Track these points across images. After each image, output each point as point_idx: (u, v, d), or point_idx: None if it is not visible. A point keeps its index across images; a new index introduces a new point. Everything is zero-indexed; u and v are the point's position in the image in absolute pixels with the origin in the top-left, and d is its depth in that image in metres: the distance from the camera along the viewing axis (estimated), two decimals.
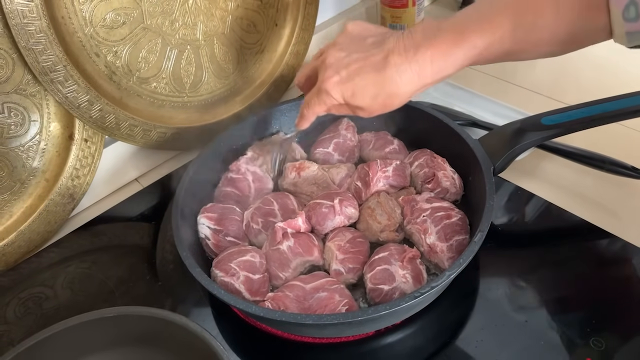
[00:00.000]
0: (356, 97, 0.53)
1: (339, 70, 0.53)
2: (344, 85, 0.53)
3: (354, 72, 0.52)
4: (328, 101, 0.54)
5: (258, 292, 0.56)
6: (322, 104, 0.55)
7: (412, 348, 0.55)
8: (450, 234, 0.58)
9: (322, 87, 0.54)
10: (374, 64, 0.51)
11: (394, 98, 0.52)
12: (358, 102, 0.53)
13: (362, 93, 0.52)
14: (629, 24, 0.45)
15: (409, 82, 0.51)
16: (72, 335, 0.52)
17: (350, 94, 0.53)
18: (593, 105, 0.61)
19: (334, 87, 0.53)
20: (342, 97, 0.53)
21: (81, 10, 0.62)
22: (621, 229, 0.62)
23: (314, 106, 0.56)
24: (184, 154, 0.82)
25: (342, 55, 0.53)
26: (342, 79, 0.53)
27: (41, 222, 0.69)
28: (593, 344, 0.52)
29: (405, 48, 0.51)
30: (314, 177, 0.68)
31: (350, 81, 0.52)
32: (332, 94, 0.53)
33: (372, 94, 0.52)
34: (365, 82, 0.52)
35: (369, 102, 0.53)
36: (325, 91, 0.54)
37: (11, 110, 0.63)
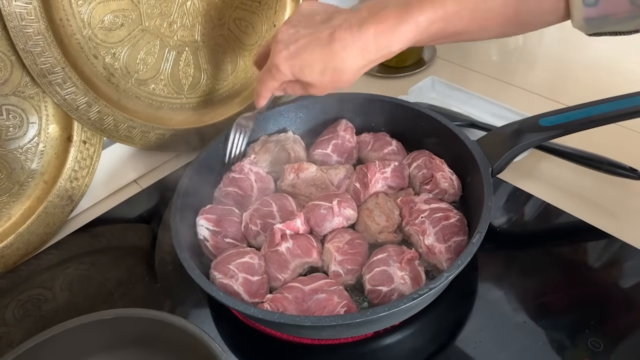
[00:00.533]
0: (304, 72, 0.53)
1: (288, 45, 0.53)
2: (292, 60, 0.53)
3: (301, 47, 0.53)
4: (278, 76, 0.55)
5: (257, 293, 0.56)
6: (273, 80, 0.56)
7: (410, 349, 0.55)
8: (449, 235, 0.58)
9: (272, 62, 0.55)
10: (320, 39, 0.52)
11: (341, 73, 0.53)
12: (306, 78, 0.54)
13: (309, 68, 0.53)
14: (588, 9, 0.46)
15: (353, 57, 0.51)
16: (70, 338, 0.52)
17: (298, 68, 0.53)
18: (591, 106, 0.61)
19: (283, 61, 0.54)
20: (290, 71, 0.54)
21: (79, 13, 0.62)
22: (619, 230, 0.62)
23: (266, 81, 0.57)
24: (182, 156, 0.82)
25: (292, 32, 0.54)
26: (290, 54, 0.53)
27: (40, 224, 0.69)
28: (591, 344, 0.52)
29: (350, 24, 0.51)
30: (312, 179, 0.68)
31: (298, 56, 0.53)
32: (281, 69, 0.54)
33: (319, 69, 0.52)
34: (312, 57, 0.52)
35: (317, 77, 0.53)
36: (275, 66, 0.54)
37: (9, 112, 0.63)
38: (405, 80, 0.93)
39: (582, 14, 0.46)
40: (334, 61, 0.52)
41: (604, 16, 0.46)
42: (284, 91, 0.59)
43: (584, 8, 0.46)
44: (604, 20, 0.47)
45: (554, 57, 0.95)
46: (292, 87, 0.57)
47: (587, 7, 0.46)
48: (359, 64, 0.52)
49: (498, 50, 1.00)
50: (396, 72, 0.95)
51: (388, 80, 0.94)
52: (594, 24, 0.47)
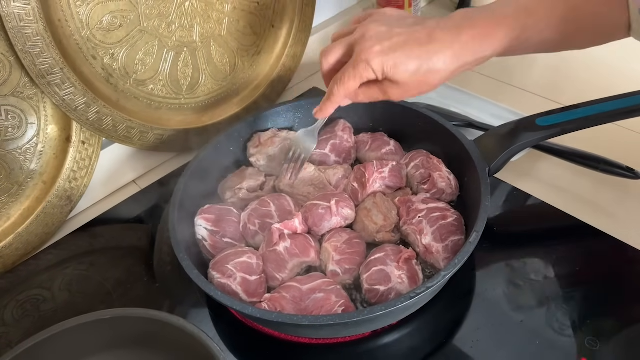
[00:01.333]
0: (397, 70, 0.51)
1: (382, 41, 0.51)
2: (386, 55, 0.51)
3: (397, 44, 0.51)
4: (365, 73, 0.52)
5: (255, 293, 0.56)
6: (357, 77, 0.53)
7: (408, 348, 0.55)
8: (446, 234, 0.58)
9: (360, 58, 0.51)
10: (418, 39, 0.51)
11: (434, 74, 0.52)
12: (398, 76, 0.51)
13: (404, 66, 0.51)
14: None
15: (451, 58, 0.51)
16: (69, 337, 0.52)
17: (391, 65, 0.51)
18: (588, 106, 0.61)
19: (376, 56, 0.51)
20: (382, 68, 0.51)
21: (78, 13, 0.62)
22: (616, 229, 0.62)
23: (347, 80, 0.53)
24: (181, 156, 0.82)
25: (383, 29, 0.52)
26: (385, 50, 0.51)
27: (39, 224, 0.70)
28: (588, 343, 0.52)
29: (448, 26, 0.51)
30: (310, 179, 0.68)
31: (393, 52, 0.51)
32: (372, 64, 0.51)
33: (414, 67, 0.51)
34: (408, 55, 0.51)
35: (409, 76, 0.51)
36: (365, 61, 0.51)
37: (8, 113, 0.63)
38: None
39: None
40: (431, 61, 0.51)
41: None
42: (355, 97, 0.55)
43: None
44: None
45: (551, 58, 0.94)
46: (369, 91, 0.54)
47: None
48: (453, 67, 0.52)
49: None
50: None
51: None
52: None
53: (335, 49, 0.55)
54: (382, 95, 0.54)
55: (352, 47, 0.54)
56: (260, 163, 0.73)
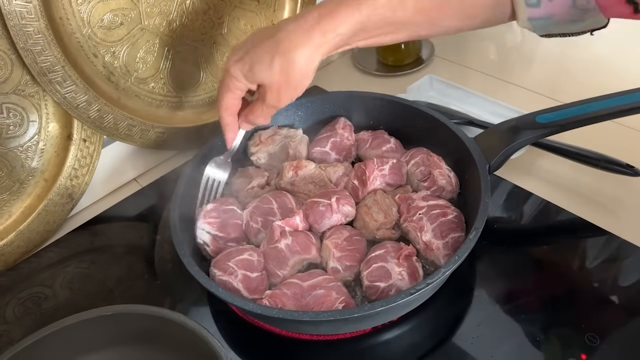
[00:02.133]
0: (254, 70, 0.52)
1: (238, 51, 0.54)
2: (241, 60, 0.53)
3: (249, 49, 0.53)
4: (230, 84, 0.54)
5: (256, 290, 0.56)
6: (226, 89, 0.55)
7: (408, 345, 0.55)
8: (446, 231, 0.58)
9: (223, 72, 0.55)
10: (266, 36, 0.52)
11: (291, 64, 0.51)
12: (257, 76, 0.53)
13: (258, 64, 0.52)
14: (532, 10, 0.46)
15: (300, 44, 0.51)
16: (70, 334, 0.52)
17: (248, 67, 0.53)
18: (588, 103, 0.61)
19: (233, 64, 0.53)
20: (240, 72, 0.53)
21: (79, 11, 0.63)
22: (616, 226, 0.62)
23: (221, 97, 0.56)
24: (182, 154, 0.82)
25: (241, 42, 0.55)
26: (240, 56, 0.53)
27: (40, 222, 0.70)
28: (588, 339, 0.52)
29: (294, 17, 0.53)
30: (311, 176, 0.68)
31: (246, 55, 0.53)
32: (231, 72, 0.53)
33: (267, 61, 0.51)
34: (259, 53, 0.52)
35: (268, 72, 0.52)
36: (225, 71, 0.54)
37: (10, 110, 0.63)
38: (403, 78, 0.94)
39: (525, 13, 0.47)
40: (279, 49, 0.51)
41: (547, 16, 0.47)
42: (248, 120, 0.58)
43: (527, 8, 0.47)
44: (548, 21, 0.48)
45: (551, 55, 0.95)
46: (254, 108, 0.56)
47: (530, 7, 0.47)
48: (307, 52, 0.51)
49: (496, 48, 1.01)
50: (395, 71, 0.95)
51: (387, 79, 0.95)
52: (539, 25, 0.48)
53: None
54: (264, 107, 0.55)
55: None
56: (261, 161, 0.73)
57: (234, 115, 0.59)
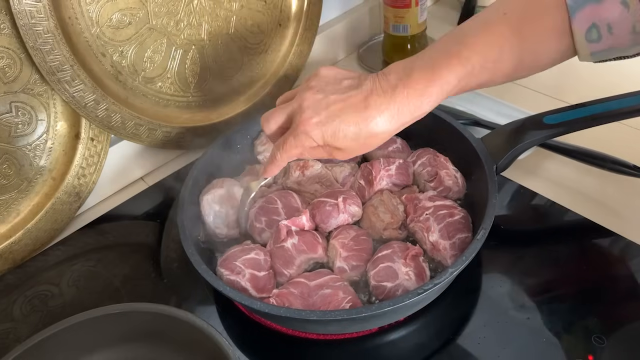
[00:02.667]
0: (337, 138, 0.52)
1: (319, 111, 0.52)
2: (324, 126, 0.52)
3: (334, 113, 0.51)
4: (307, 143, 0.53)
5: (264, 289, 0.57)
6: (299, 147, 0.53)
7: (415, 345, 0.55)
8: (453, 231, 0.58)
9: (300, 129, 0.52)
10: (354, 105, 0.51)
11: (374, 138, 0.52)
12: (338, 143, 0.52)
13: (343, 134, 0.51)
14: (593, 45, 0.47)
15: (388, 121, 0.51)
16: (78, 332, 0.52)
17: (330, 134, 0.52)
18: (595, 104, 0.61)
19: (314, 128, 0.52)
20: (322, 138, 0.52)
21: (88, 11, 0.63)
22: (623, 228, 0.62)
23: (289, 149, 0.54)
24: (189, 153, 0.83)
25: (319, 97, 0.53)
26: (322, 120, 0.52)
27: (48, 220, 0.70)
28: (595, 340, 0.52)
29: (383, 89, 0.51)
30: (317, 176, 0.68)
31: (331, 122, 0.51)
32: (311, 135, 0.52)
33: (353, 134, 0.51)
34: (346, 123, 0.51)
35: (349, 143, 0.52)
36: (304, 132, 0.52)
37: (19, 109, 0.64)
38: None
39: (587, 50, 0.48)
40: (369, 126, 0.51)
41: (608, 49, 0.48)
42: (302, 156, 0.56)
43: (588, 44, 0.48)
44: (608, 52, 0.49)
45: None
46: (313, 152, 0.55)
47: (591, 43, 0.47)
48: (393, 128, 0.52)
49: None
50: None
51: None
52: (599, 56, 0.49)
53: (275, 116, 0.56)
54: (327, 156, 0.55)
55: (291, 116, 0.55)
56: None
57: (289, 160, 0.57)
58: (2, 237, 0.67)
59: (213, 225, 0.63)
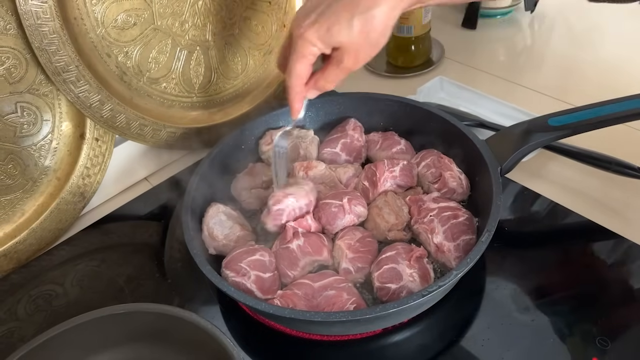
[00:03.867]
0: (332, 32, 0.49)
1: (309, 14, 0.51)
2: (316, 23, 0.50)
3: (324, 10, 0.50)
4: (305, 49, 0.51)
5: (269, 290, 0.57)
6: (300, 56, 0.51)
7: (419, 346, 0.55)
8: (457, 233, 0.58)
9: (296, 36, 0.51)
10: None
11: (372, 20, 0.49)
12: (335, 38, 0.50)
13: (337, 24, 0.49)
14: None
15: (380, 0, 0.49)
16: (83, 332, 0.53)
17: (325, 30, 0.49)
18: (599, 107, 0.61)
19: (307, 28, 0.50)
20: (318, 37, 0.50)
21: (93, 12, 0.63)
22: (627, 230, 0.62)
23: (294, 64, 0.52)
24: (193, 154, 0.83)
25: (308, 5, 0.51)
26: (314, 19, 0.50)
27: (52, 220, 0.70)
28: (599, 343, 0.52)
29: None
30: (321, 177, 0.68)
31: (322, 17, 0.50)
32: (307, 37, 0.50)
33: (346, 20, 0.49)
34: (336, 12, 0.49)
35: (347, 32, 0.49)
36: (299, 37, 0.50)
37: (24, 109, 0.64)
38: (413, 80, 0.94)
39: None
40: (359, 8, 0.48)
41: None
42: (318, 86, 0.54)
43: None
44: None
45: (562, 57, 0.95)
46: (327, 73, 0.53)
47: None
48: (387, 8, 0.49)
49: (506, 50, 1.00)
50: (405, 72, 0.95)
51: (397, 80, 0.95)
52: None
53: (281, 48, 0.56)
54: (338, 69, 0.52)
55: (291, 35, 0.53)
56: None
57: (304, 83, 0.54)
58: (7, 237, 0.68)
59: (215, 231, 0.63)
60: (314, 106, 0.77)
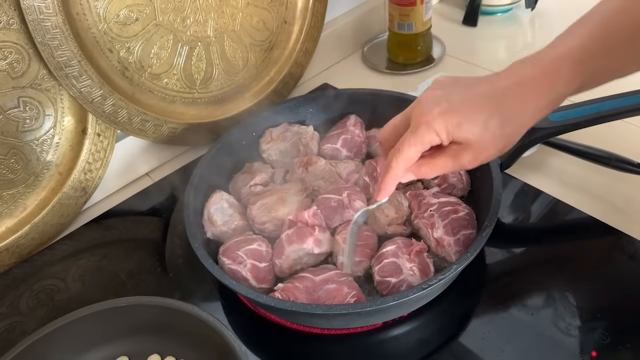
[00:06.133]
0: (462, 128, 0.45)
1: (441, 102, 0.46)
2: (447, 114, 0.45)
3: (457, 102, 0.46)
4: (427, 137, 0.46)
5: (264, 279, 0.57)
6: (418, 143, 0.46)
7: (419, 340, 0.56)
8: (458, 228, 0.58)
9: (420, 121, 0.46)
10: (481, 92, 0.46)
11: (506, 126, 0.45)
12: (465, 134, 0.45)
13: (470, 121, 0.45)
14: None
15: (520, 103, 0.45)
16: (85, 325, 0.53)
17: (455, 123, 0.45)
18: (600, 102, 0.61)
19: (436, 117, 0.45)
20: (445, 128, 0.45)
21: (95, 7, 0.63)
22: (627, 225, 0.62)
23: (407, 148, 0.47)
24: (194, 149, 0.83)
25: (439, 92, 0.47)
26: (445, 109, 0.45)
27: (54, 214, 0.71)
28: (599, 337, 0.52)
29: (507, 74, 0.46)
30: (321, 172, 0.69)
31: (456, 109, 0.45)
32: (433, 126, 0.45)
33: (482, 120, 0.45)
34: (473, 107, 0.45)
35: (479, 132, 0.45)
36: (425, 123, 0.45)
37: (26, 104, 0.64)
38: (414, 76, 0.94)
39: None
40: (499, 110, 0.45)
41: None
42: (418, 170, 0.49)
43: None
44: None
45: None
46: (435, 161, 0.48)
47: None
48: (525, 114, 0.45)
49: (506, 47, 1.01)
50: (405, 69, 0.96)
51: (397, 77, 0.95)
52: None
53: (391, 121, 0.51)
54: (452, 164, 0.47)
55: (409, 117, 0.49)
56: (272, 158, 0.74)
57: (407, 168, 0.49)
58: (10, 231, 0.68)
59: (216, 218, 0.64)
60: (314, 102, 0.77)
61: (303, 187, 0.66)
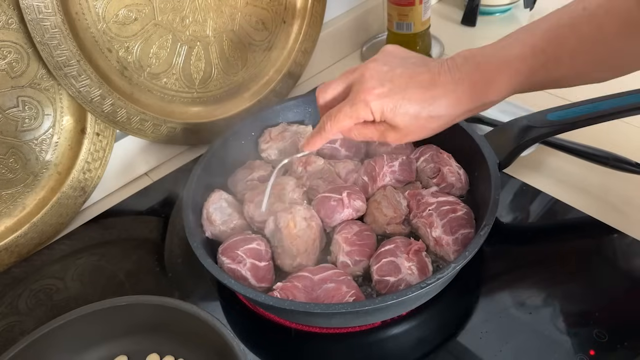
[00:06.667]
0: (396, 113, 0.49)
1: (383, 82, 0.49)
2: (386, 97, 0.48)
3: (399, 86, 0.49)
4: (362, 114, 0.50)
5: (264, 278, 0.57)
6: (353, 117, 0.50)
7: (417, 339, 0.56)
8: (456, 227, 0.58)
9: (359, 97, 0.49)
10: (420, 82, 0.49)
11: (435, 120, 0.49)
12: (397, 120, 0.49)
13: (404, 110, 0.48)
14: None
15: (453, 105, 0.49)
16: (84, 324, 0.53)
17: (391, 107, 0.48)
18: (598, 102, 0.61)
19: (375, 98, 0.49)
20: (381, 110, 0.49)
21: (94, 7, 0.63)
22: (625, 225, 0.63)
23: (342, 119, 0.50)
24: (193, 149, 0.83)
25: (385, 69, 0.50)
26: (385, 92, 0.49)
27: (53, 214, 0.71)
28: (596, 335, 0.53)
29: (451, 71, 0.49)
30: (320, 171, 0.69)
31: (394, 95, 0.48)
32: (371, 106, 0.49)
33: (414, 112, 0.49)
34: (409, 99, 0.48)
35: (409, 121, 0.49)
36: (363, 101, 0.49)
37: (26, 103, 0.64)
38: None
39: None
40: (432, 106, 0.48)
41: None
42: (348, 134, 0.53)
43: None
44: None
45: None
46: (364, 130, 0.52)
47: None
48: (455, 113, 0.49)
49: None
50: None
51: None
52: None
53: (333, 85, 0.54)
54: (377, 137, 0.52)
55: (351, 86, 0.52)
56: (271, 158, 0.74)
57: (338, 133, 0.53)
58: (8, 231, 0.68)
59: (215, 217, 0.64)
60: (313, 102, 0.77)
61: (300, 183, 0.66)
